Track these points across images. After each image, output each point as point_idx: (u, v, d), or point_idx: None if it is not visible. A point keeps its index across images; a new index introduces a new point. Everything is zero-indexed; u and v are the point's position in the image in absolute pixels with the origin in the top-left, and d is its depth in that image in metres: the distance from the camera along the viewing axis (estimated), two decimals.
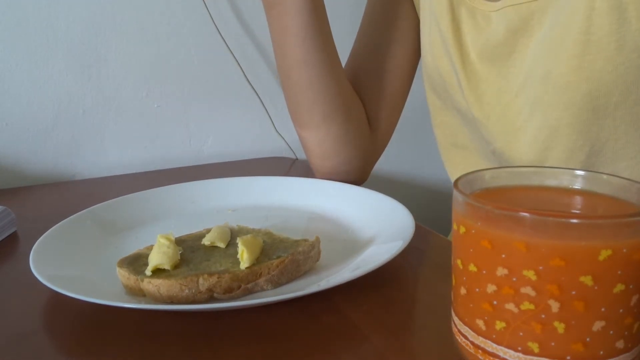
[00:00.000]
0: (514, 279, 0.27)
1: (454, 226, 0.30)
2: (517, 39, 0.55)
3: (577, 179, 0.33)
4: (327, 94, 0.65)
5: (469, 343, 0.30)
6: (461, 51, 0.60)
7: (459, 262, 0.30)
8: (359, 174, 0.72)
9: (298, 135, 0.70)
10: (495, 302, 0.28)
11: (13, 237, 0.59)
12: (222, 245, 0.47)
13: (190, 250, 0.47)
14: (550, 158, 0.54)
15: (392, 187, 1.12)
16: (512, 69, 0.56)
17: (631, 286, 0.26)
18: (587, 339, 0.26)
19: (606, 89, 0.48)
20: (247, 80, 0.96)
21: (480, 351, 0.29)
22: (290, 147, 1.01)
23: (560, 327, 0.26)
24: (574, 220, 0.26)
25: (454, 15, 0.60)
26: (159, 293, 0.41)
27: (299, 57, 0.63)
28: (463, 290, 0.30)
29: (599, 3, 0.47)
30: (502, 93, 0.57)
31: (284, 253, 0.45)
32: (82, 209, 0.57)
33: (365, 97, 0.71)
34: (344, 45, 0.74)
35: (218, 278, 0.41)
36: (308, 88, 0.64)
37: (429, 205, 1.14)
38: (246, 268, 0.42)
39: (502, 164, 0.59)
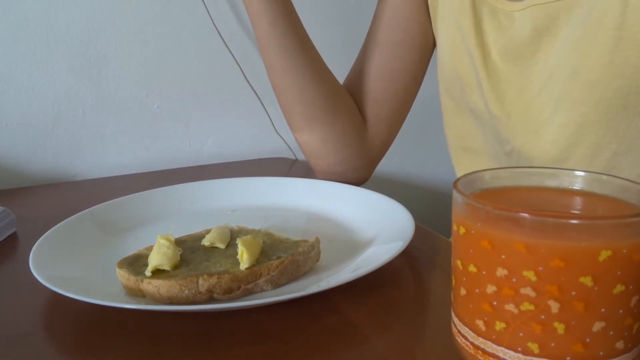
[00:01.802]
0: (514, 280, 0.27)
1: (454, 227, 0.30)
2: (542, 38, 0.55)
3: (577, 180, 0.33)
4: (303, 97, 0.66)
5: (468, 344, 0.30)
6: (483, 50, 0.60)
7: (458, 262, 0.30)
8: (357, 175, 0.72)
9: None
10: (495, 303, 0.28)
11: (13, 238, 0.59)
12: (221, 245, 0.47)
13: (190, 251, 0.47)
14: (574, 156, 0.54)
15: (392, 188, 1.12)
16: (535, 68, 0.56)
17: (631, 287, 0.26)
18: (587, 340, 0.26)
19: (638, 86, 0.48)
20: (247, 80, 0.96)
21: (480, 352, 0.29)
22: (290, 148, 1.01)
23: (560, 327, 0.26)
24: (574, 221, 0.26)
25: (476, 15, 0.60)
26: (159, 294, 0.41)
27: (269, 63, 0.66)
28: (463, 291, 0.30)
29: (633, 0, 0.47)
30: (524, 91, 0.57)
31: (283, 254, 0.45)
32: (82, 210, 0.57)
33: (367, 97, 0.71)
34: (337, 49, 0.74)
35: (218, 279, 0.41)
36: (285, 92, 0.67)
37: (429, 206, 1.14)
38: (246, 269, 0.42)
39: (518, 165, 0.59)
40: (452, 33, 0.64)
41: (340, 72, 1.07)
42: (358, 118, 0.71)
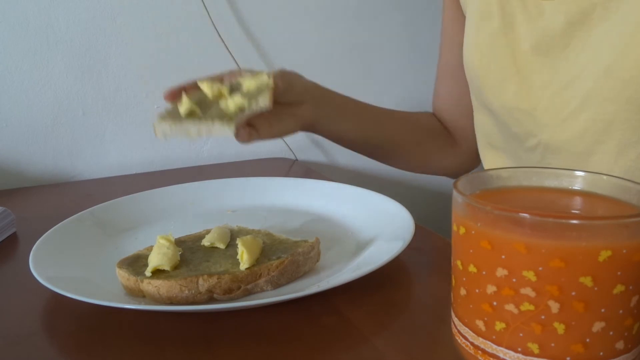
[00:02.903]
0: (514, 280, 0.27)
1: (454, 227, 0.30)
2: (575, 32, 0.55)
3: (577, 180, 0.33)
4: (391, 153, 0.76)
5: (468, 344, 0.30)
6: (513, 45, 0.60)
7: (458, 263, 0.30)
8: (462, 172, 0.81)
9: None
10: (495, 303, 0.28)
11: (13, 238, 0.59)
12: (221, 246, 0.47)
13: (190, 251, 0.47)
14: (600, 151, 0.55)
15: (392, 188, 1.12)
16: (565, 62, 0.56)
17: (631, 287, 0.26)
18: (587, 340, 0.26)
19: None
20: None
21: (480, 352, 0.29)
22: (289, 148, 1.01)
23: (560, 327, 0.26)
24: (574, 221, 0.26)
25: (505, 11, 0.61)
26: (159, 294, 0.41)
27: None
28: (463, 291, 0.30)
29: None
30: (550, 84, 0.57)
31: (283, 254, 0.45)
32: (82, 210, 0.57)
33: (452, 116, 0.78)
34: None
35: (218, 279, 0.41)
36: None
37: (429, 206, 1.14)
38: (246, 269, 0.42)
39: (544, 158, 0.60)
40: (473, 35, 0.65)
41: (341, 72, 1.07)
42: (443, 139, 0.78)
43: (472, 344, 0.29)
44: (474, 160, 0.80)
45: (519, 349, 0.27)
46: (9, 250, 0.56)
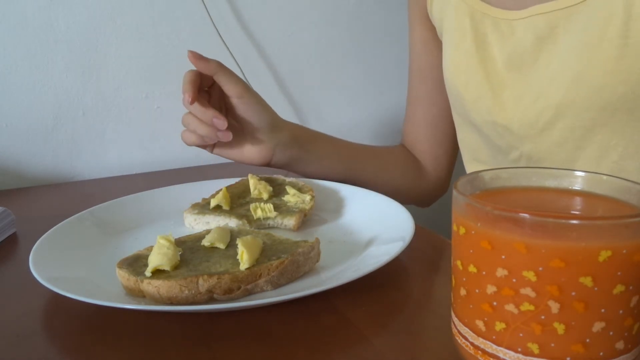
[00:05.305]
0: (514, 280, 0.27)
1: (454, 227, 0.30)
2: (544, 45, 0.57)
3: (577, 180, 0.33)
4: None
5: (468, 344, 0.30)
6: (486, 63, 0.62)
7: (458, 263, 0.30)
8: (425, 202, 0.84)
9: None
10: (495, 303, 0.28)
11: (13, 238, 0.59)
12: (221, 246, 0.47)
13: (190, 251, 0.47)
14: (582, 157, 0.56)
15: None
16: (535, 74, 0.58)
17: (631, 287, 0.26)
18: (587, 340, 0.26)
19: None
20: (246, 81, 0.96)
21: (480, 352, 0.29)
22: None
23: (560, 328, 0.26)
24: (574, 221, 0.26)
25: (478, 30, 0.63)
26: (159, 294, 0.41)
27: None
28: (463, 291, 0.30)
29: (636, 9, 0.49)
30: (522, 98, 0.59)
31: (283, 254, 0.45)
32: (82, 210, 0.57)
33: (425, 144, 0.78)
34: None
35: (218, 279, 0.41)
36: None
37: (429, 206, 1.14)
38: (246, 269, 0.42)
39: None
40: (451, 54, 0.66)
41: (341, 72, 1.07)
42: (413, 172, 0.78)
43: (472, 344, 0.29)
44: (442, 188, 0.82)
45: (519, 349, 0.27)
46: (9, 250, 0.56)
